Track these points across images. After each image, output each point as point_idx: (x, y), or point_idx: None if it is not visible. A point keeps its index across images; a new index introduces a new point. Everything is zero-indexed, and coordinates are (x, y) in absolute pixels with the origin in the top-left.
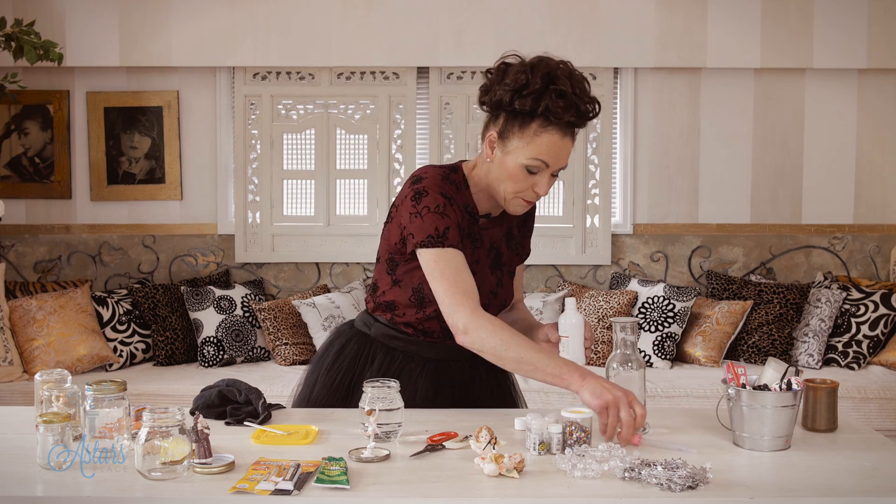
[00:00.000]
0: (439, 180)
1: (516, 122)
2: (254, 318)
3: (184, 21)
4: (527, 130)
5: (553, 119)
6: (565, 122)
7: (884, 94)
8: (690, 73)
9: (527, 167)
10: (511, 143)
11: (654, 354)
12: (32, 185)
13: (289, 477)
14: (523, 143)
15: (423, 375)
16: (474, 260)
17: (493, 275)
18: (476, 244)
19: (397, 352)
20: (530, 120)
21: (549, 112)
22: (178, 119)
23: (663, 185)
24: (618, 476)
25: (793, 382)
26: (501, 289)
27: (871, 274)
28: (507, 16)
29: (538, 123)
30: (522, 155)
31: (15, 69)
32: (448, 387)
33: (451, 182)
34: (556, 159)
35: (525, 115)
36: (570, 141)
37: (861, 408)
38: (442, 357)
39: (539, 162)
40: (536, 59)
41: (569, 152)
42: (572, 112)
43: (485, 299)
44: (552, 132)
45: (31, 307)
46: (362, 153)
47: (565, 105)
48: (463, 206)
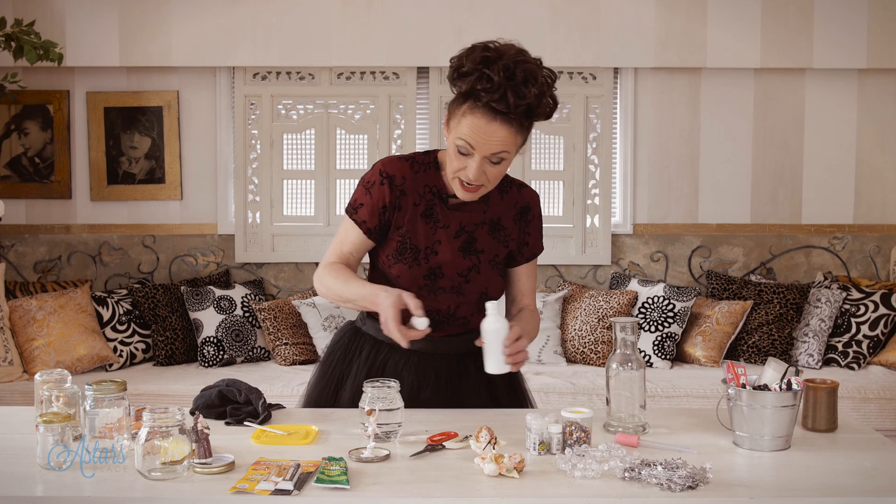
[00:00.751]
0: (393, 160)
1: (456, 102)
2: (254, 318)
3: (184, 21)
4: (458, 111)
5: (477, 101)
6: (490, 106)
7: (884, 94)
8: (690, 73)
9: (456, 147)
10: (451, 123)
11: (654, 354)
12: (32, 185)
13: (289, 477)
14: (455, 123)
15: (407, 367)
16: (435, 240)
17: (465, 258)
18: (437, 224)
19: (384, 344)
20: (463, 101)
21: (473, 93)
22: (178, 119)
23: (663, 185)
24: (618, 476)
25: (793, 382)
26: (478, 276)
27: (871, 274)
28: (507, 16)
29: (468, 105)
30: (453, 134)
31: (15, 69)
32: (433, 378)
33: (416, 163)
34: (483, 144)
35: (460, 95)
36: (500, 127)
37: (861, 408)
38: (426, 350)
39: (463, 143)
40: (485, 44)
41: (502, 140)
42: (496, 97)
43: (453, 282)
44: (477, 115)
45: (31, 307)
46: (362, 153)
47: (490, 89)
48: (423, 186)
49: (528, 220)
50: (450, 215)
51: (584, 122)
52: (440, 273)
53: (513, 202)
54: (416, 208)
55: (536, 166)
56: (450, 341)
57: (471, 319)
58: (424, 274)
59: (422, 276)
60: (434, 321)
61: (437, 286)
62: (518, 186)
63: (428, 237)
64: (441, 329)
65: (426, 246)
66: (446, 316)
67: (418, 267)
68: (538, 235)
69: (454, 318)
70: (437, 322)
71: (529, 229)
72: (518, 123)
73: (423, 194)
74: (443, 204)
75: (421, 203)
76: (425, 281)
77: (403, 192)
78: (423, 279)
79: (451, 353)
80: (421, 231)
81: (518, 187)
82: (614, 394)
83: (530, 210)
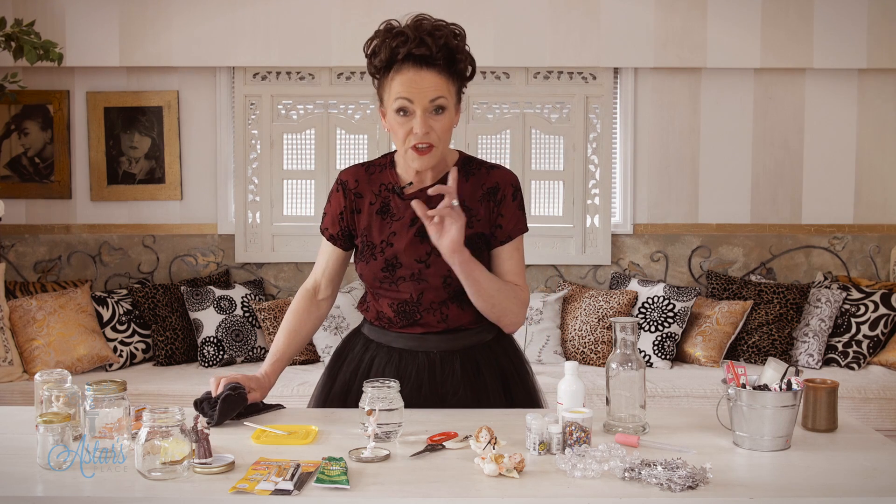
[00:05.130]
0: (349, 168)
1: (381, 83)
2: (254, 318)
3: (184, 21)
4: (386, 83)
5: (398, 58)
6: (412, 56)
7: (884, 94)
8: (690, 73)
9: (396, 111)
10: (385, 98)
11: (654, 354)
12: (32, 185)
13: (289, 477)
14: (388, 95)
15: (389, 364)
16: (390, 232)
17: (423, 243)
18: (393, 217)
19: (372, 343)
20: (386, 73)
21: (393, 55)
22: (178, 119)
23: (663, 185)
24: (618, 476)
25: (793, 382)
26: (438, 258)
27: (871, 274)
28: (507, 16)
29: (393, 70)
30: (391, 105)
31: (15, 69)
32: (414, 374)
33: (372, 165)
34: (419, 93)
35: (382, 72)
36: (429, 74)
37: (861, 408)
38: (409, 347)
39: (401, 99)
40: (384, 22)
41: (434, 85)
42: (415, 44)
43: (412, 269)
44: (404, 71)
45: (31, 307)
46: (362, 153)
47: (405, 41)
48: (378, 185)
49: (499, 199)
50: (405, 205)
51: (584, 122)
52: (397, 263)
53: (479, 184)
54: (373, 207)
55: (536, 166)
56: (430, 339)
57: (448, 314)
58: (381, 266)
59: (379, 269)
60: (403, 311)
61: (395, 276)
62: (488, 168)
63: (383, 231)
64: (416, 323)
65: (381, 240)
66: (412, 304)
67: (374, 261)
68: (514, 216)
69: (420, 304)
70: (405, 312)
71: (501, 210)
72: (446, 69)
73: (378, 193)
74: (398, 196)
75: (377, 202)
76: (384, 273)
77: (359, 194)
78: (381, 272)
79: (432, 350)
80: (376, 227)
81: (488, 169)
82: (614, 394)
83: (500, 190)
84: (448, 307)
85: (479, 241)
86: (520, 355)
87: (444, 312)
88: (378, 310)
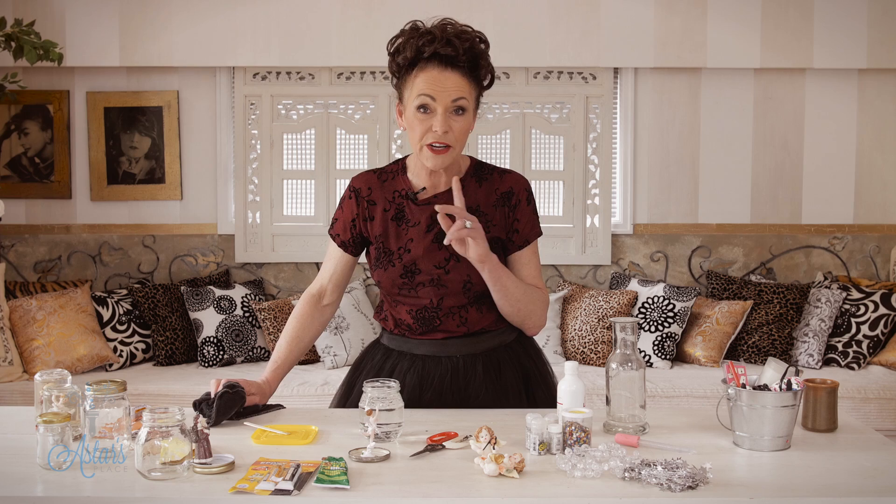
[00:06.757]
0: (361, 174)
1: (403, 80)
2: (254, 318)
3: (184, 21)
4: (409, 80)
5: (422, 57)
6: (438, 55)
7: (884, 94)
8: (690, 73)
9: (417, 108)
10: (405, 100)
11: (654, 354)
12: (32, 185)
13: (289, 477)
14: (409, 92)
15: (411, 371)
16: (407, 239)
17: (441, 249)
18: (409, 224)
19: (393, 351)
20: (410, 71)
21: (419, 53)
22: (178, 119)
23: (663, 185)
24: (618, 476)
25: (793, 382)
26: (458, 264)
27: (871, 274)
28: (507, 16)
29: (417, 68)
30: (412, 102)
31: (15, 69)
32: (437, 379)
33: (384, 172)
34: (441, 92)
35: (405, 70)
36: (453, 74)
37: (861, 408)
38: (432, 353)
39: (423, 96)
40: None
41: (457, 85)
42: (442, 43)
43: (431, 275)
44: (428, 69)
45: (31, 307)
46: (362, 153)
47: (432, 40)
48: (391, 192)
49: (513, 204)
50: (420, 211)
51: (584, 122)
52: (416, 269)
53: (492, 189)
54: (387, 214)
55: (536, 166)
56: (452, 343)
57: (468, 318)
58: (400, 273)
59: (398, 276)
60: (423, 317)
61: (415, 282)
62: (500, 173)
63: (399, 238)
64: (436, 329)
65: (399, 247)
66: (432, 310)
67: (393, 268)
68: (529, 220)
69: (440, 310)
70: (425, 318)
71: (517, 215)
72: (469, 73)
73: (392, 199)
74: (411, 202)
75: (391, 208)
76: (402, 280)
77: (372, 202)
78: (399, 278)
79: (455, 355)
80: (392, 234)
81: (500, 174)
82: (614, 394)
83: (514, 195)
84: (467, 311)
85: (497, 246)
86: (541, 355)
87: (463, 316)
88: (396, 317)
